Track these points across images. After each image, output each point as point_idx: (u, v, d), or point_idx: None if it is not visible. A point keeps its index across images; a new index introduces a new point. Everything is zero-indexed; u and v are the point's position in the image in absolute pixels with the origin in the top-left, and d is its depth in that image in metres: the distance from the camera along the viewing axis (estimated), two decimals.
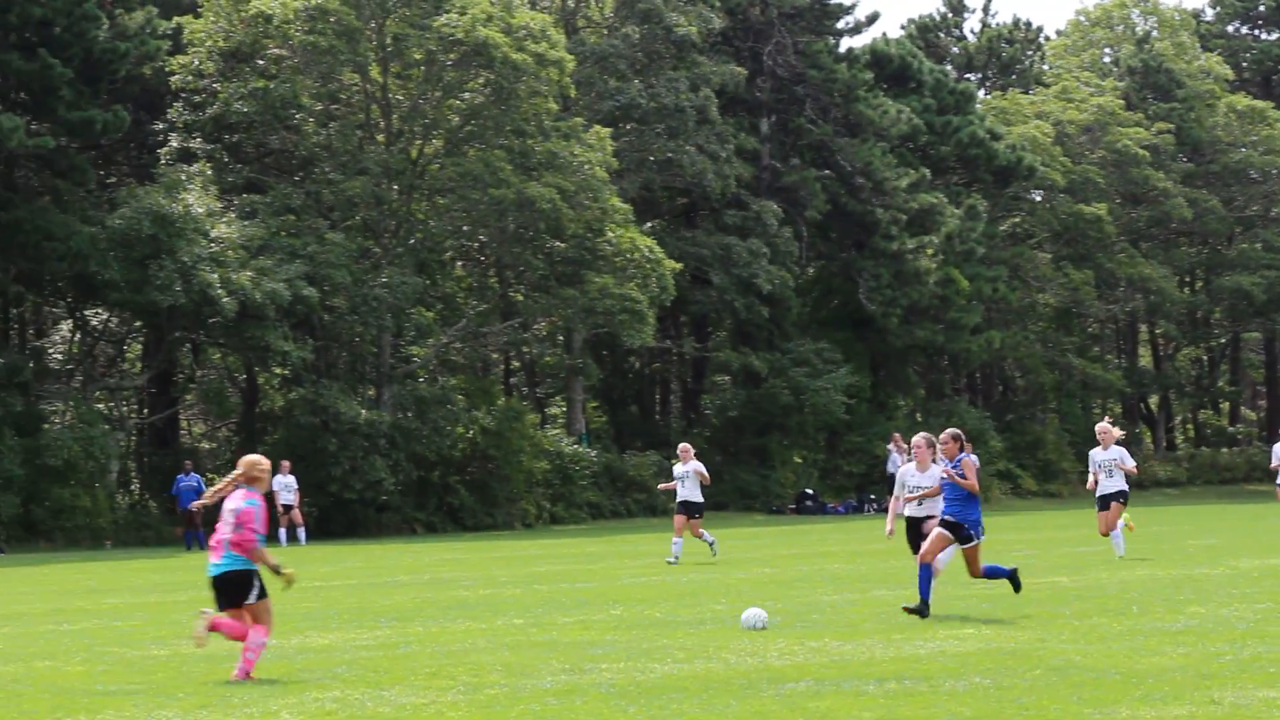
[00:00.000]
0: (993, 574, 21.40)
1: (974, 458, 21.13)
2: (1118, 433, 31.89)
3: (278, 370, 59.62)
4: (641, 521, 62.29)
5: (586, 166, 59.24)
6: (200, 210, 54.96)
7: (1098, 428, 32.28)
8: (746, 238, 68.61)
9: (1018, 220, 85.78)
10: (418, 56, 59.08)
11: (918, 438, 22.23)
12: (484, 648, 18.56)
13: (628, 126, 66.29)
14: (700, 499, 35.08)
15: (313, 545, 49.90)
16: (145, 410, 63.53)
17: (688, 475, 34.99)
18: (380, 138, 60.09)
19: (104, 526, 53.26)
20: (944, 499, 21.02)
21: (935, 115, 77.30)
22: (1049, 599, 22.60)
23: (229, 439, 66.20)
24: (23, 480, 51.81)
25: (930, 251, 73.59)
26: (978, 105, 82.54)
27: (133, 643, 20.35)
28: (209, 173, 57.70)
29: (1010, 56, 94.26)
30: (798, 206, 72.62)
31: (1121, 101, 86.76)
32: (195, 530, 51.03)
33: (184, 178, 56.45)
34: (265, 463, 17.40)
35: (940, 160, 78.52)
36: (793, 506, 68.00)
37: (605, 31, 68.46)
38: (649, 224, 68.59)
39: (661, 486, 40.51)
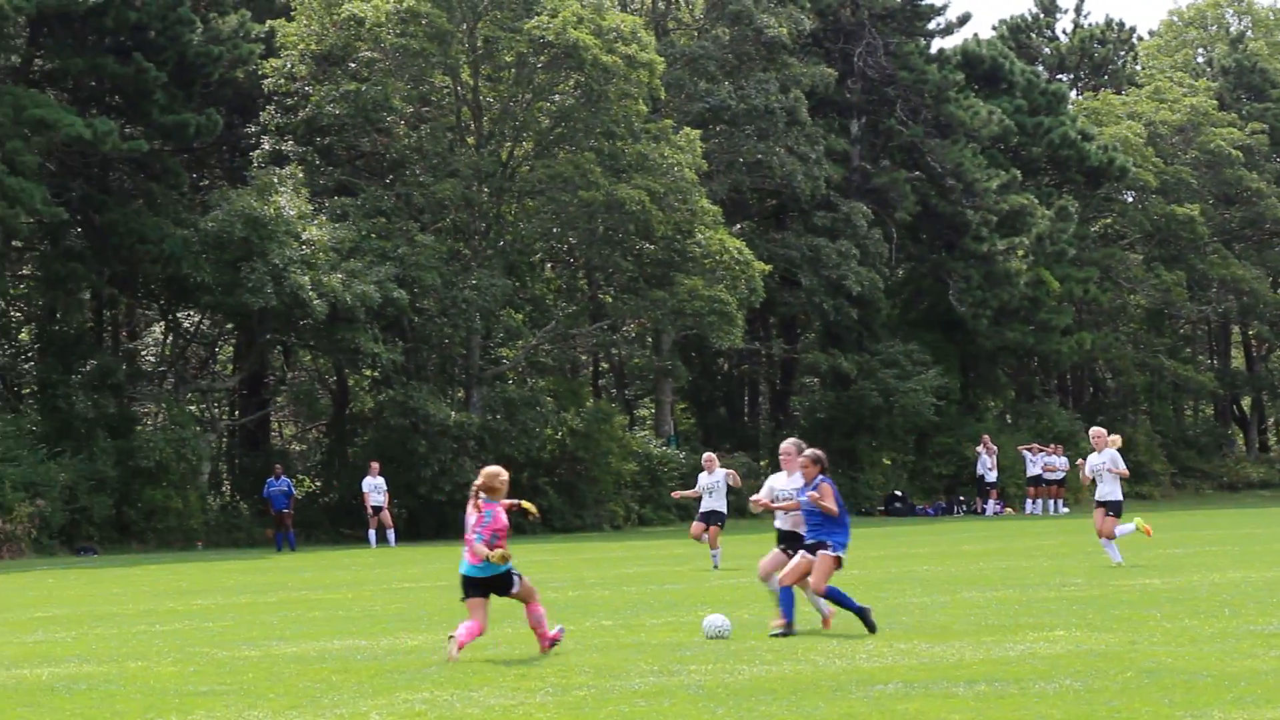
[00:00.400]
0: (836, 598, 19.76)
1: (831, 482, 19.92)
2: (1112, 438, 31.28)
3: (368, 372, 59.87)
4: (730, 523, 62.14)
5: (676, 168, 59.22)
6: (291, 213, 55.21)
7: (1091, 431, 31.83)
8: (836, 239, 68.45)
9: (1109, 221, 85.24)
10: (508, 59, 59.20)
11: (786, 443, 21.04)
12: (572, 649, 18.58)
13: (717, 128, 66.24)
14: (725, 510, 34.80)
15: (402, 547, 50.11)
16: (236, 412, 63.96)
17: (716, 486, 34.61)
18: (471, 140, 60.26)
19: (195, 528, 53.65)
20: (805, 522, 20.07)
21: (1026, 116, 76.89)
22: (1139, 601, 22.44)
23: (319, 441, 66.62)
24: (115, 481, 52.27)
25: (1021, 253, 73.20)
26: (1069, 106, 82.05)
27: (224, 643, 20.48)
28: (300, 175, 57.98)
29: (1102, 57, 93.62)
30: (888, 208, 72.41)
31: (1215, 102, 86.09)
32: (286, 532, 51.41)
33: (276, 180, 56.70)
34: (504, 474, 18.56)
35: (1031, 161, 78.13)
36: (882, 508, 67.81)
37: (695, 33, 68.44)
38: (738, 226, 68.52)
39: (678, 494, 38.70)
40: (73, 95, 56.63)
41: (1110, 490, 30.72)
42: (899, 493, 69.07)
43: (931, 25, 76.74)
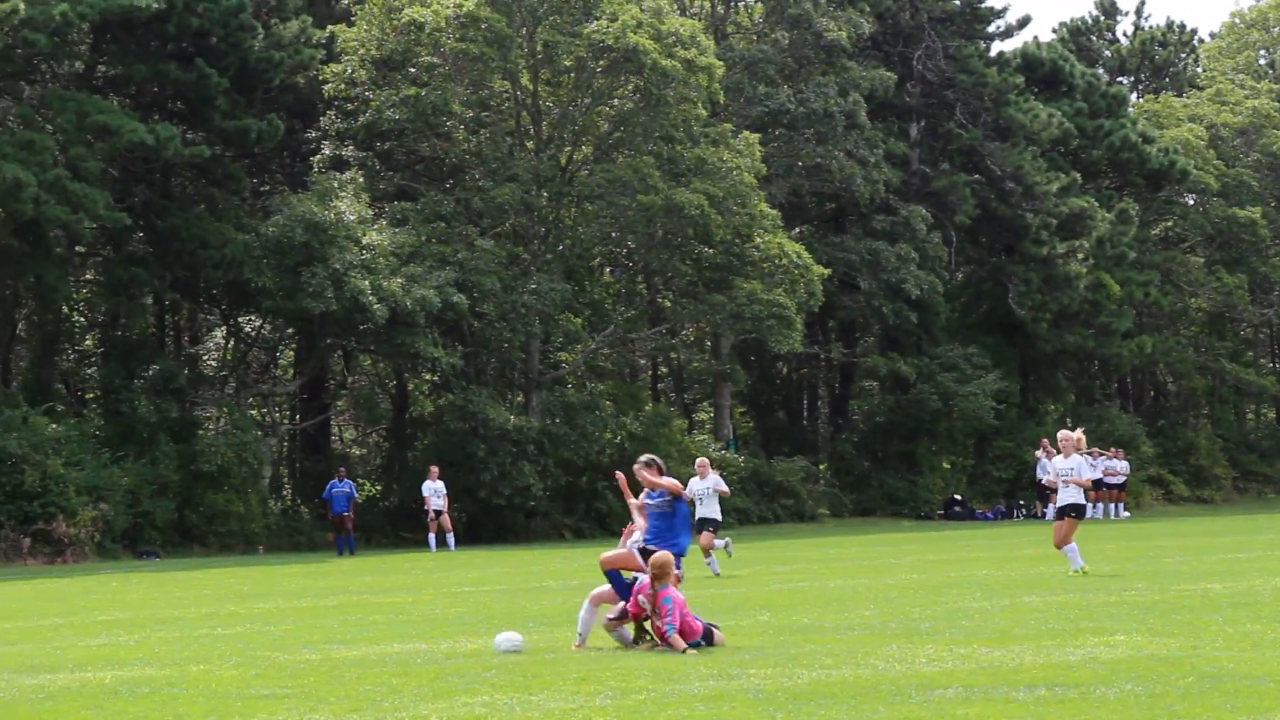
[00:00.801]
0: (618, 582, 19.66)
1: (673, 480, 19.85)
2: (1079, 440, 30.43)
3: (427, 376, 60.02)
4: (789, 527, 62.20)
5: (735, 172, 59.21)
6: (352, 217, 55.44)
7: (1059, 434, 31.20)
8: (895, 243, 68.36)
9: (1170, 224, 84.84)
10: (568, 63, 59.29)
11: (640, 461, 20.62)
12: (632, 653, 18.60)
13: (776, 132, 66.20)
14: (719, 516, 34.21)
15: (462, 550, 50.23)
16: (297, 416, 64.20)
17: (706, 492, 34.05)
18: (530, 144, 60.37)
19: (257, 531, 53.92)
20: (649, 529, 20.00)
21: (1087, 119, 76.62)
22: (1201, 605, 22.34)
23: (379, 445, 66.80)
24: (178, 485, 52.59)
25: (1081, 256, 72.96)
26: (1130, 109, 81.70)
27: (285, 647, 20.57)
28: (360, 180, 58.19)
29: (1163, 59, 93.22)
30: (947, 211, 72.26)
31: (1277, 104, 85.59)
32: (347, 536, 51.59)
33: (336, 185, 56.94)
34: (673, 560, 18.89)
35: (1091, 164, 77.85)
36: (941, 512, 67.64)
37: (754, 37, 68.40)
38: (797, 229, 68.48)
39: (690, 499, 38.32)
40: (135, 101, 56.98)
41: (1070, 494, 30.18)
42: (958, 496, 68.90)
43: (991, 28, 76.63)
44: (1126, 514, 64.60)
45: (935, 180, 72.68)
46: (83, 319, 62.08)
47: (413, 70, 59.21)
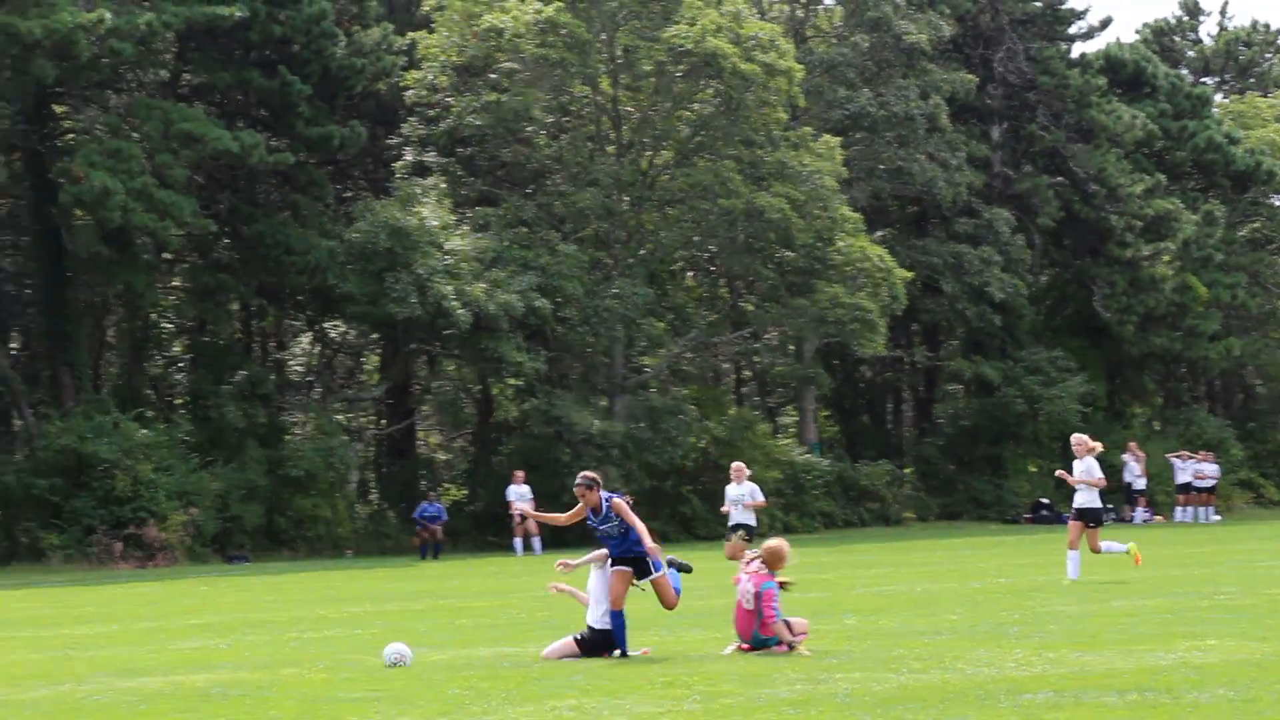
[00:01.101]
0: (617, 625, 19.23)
1: (621, 497, 19.25)
2: (1093, 444, 29.95)
3: (511, 381, 60.18)
4: (874, 531, 62.06)
5: (816, 176, 59.14)
6: (435, 223, 55.69)
7: (1072, 438, 30.71)
8: (978, 245, 68.14)
9: (1257, 225, 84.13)
10: (647, 68, 59.32)
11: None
12: (720, 657, 18.62)
13: (857, 135, 66.07)
14: (754, 522, 33.62)
15: (548, 554, 50.31)
16: (383, 421, 64.49)
17: (742, 499, 33.46)
18: (611, 149, 60.45)
19: (344, 536, 54.23)
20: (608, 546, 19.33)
21: (1171, 120, 76.13)
22: None
23: (464, 450, 67.02)
24: (266, 490, 52.95)
25: (1167, 258, 72.53)
26: (1214, 109, 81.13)
27: (374, 650, 20.67)
28: (443, 186, 58.41)
29: (1248, 59, 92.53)
30: (1030, 214, 71.96)
31: None
32: (435, 544, 51.80)
33: (419, 191, 57.21)
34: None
35: (1176, 166, 77.32)
36: (1028, 515, 67.29)
37: (834, 40, 68.28)
38: (879, 233, 68.30)
39: (725, 509, 36.40)
40: (220, 109, 57.37)
41: (1085, 497, 29.80)
42: (1045, 500, 68.53)
43: (1073, 29, 76.29)
44: (1217, 517, 64.18)
45: (1018, 183, 72.36)
46: (171, 325, 62.56)
47: (493, 76, 59.35)
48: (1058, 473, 30.33)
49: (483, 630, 23.48)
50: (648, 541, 19.08)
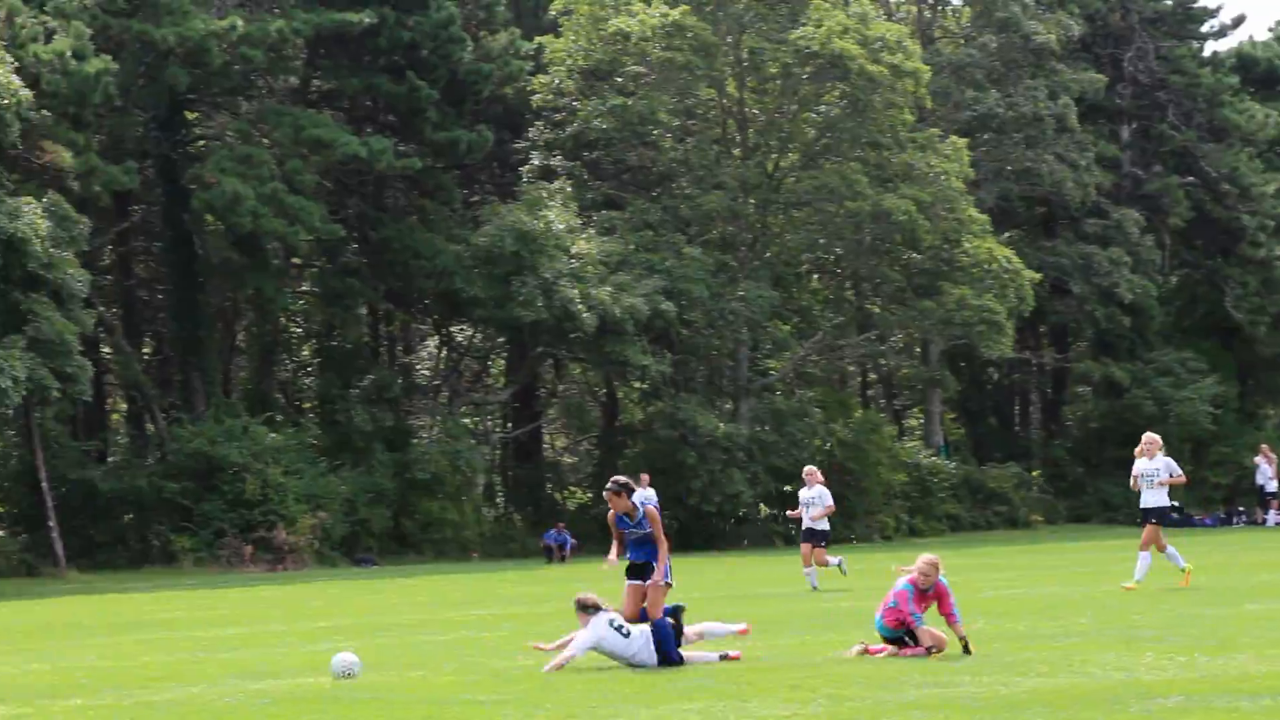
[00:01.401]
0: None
1: (655, 505, 19.46)
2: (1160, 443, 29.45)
3: (636, 384, 60.27)
4: (1002, 534, 61.65)
5: (943, 177, 58.87)
6: (561, 227, 55.84)
7: (1144, 437, 30.08)
8: (1107, 246, 67.59)
9: None
10: (773, 70, 59.29)
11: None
12: (848, 660, 18.56)
13: (985, 136, 65.72)
14: (827, 528, 32.75)
15: (671, 557, 50.20)
16: (509, 424, 64.73)
17: (814, 501, 32.98)
18: (736, 152, 60.43)
19: (470, 539, 54.49)
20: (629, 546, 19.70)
21: None
22: None
23: (590, 453, 67.15)
24: (393, 493, 53.30)
25: None
26: None
27: (501, 653, 20.75)
28: (569, 190, 58.60)
29: None
30: (1160, 214, 71.30)
31: None
32: (561, 556, 52.01)
33: (545, 195, 57.41)
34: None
35: None
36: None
37: (962, 41, 67.95)
38: (1007, 234, 67.89)
39: (790, 514, 35.40)
40: (348, 115, 57.88)
41: (1154, 497, 29.25)
42: (1176, 503, 67.76)
43: (1204, 28, 75.53)
44: None
45: (1148, 183, 71.72)
46: (299, 330, 63.08)
47: (619, 80, 59.50)
48: (1132, 482, 29.77)
49: None
50: (663, 555, 19.58)
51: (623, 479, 19.95)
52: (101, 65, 49.06)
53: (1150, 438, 29.59)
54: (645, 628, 18.73)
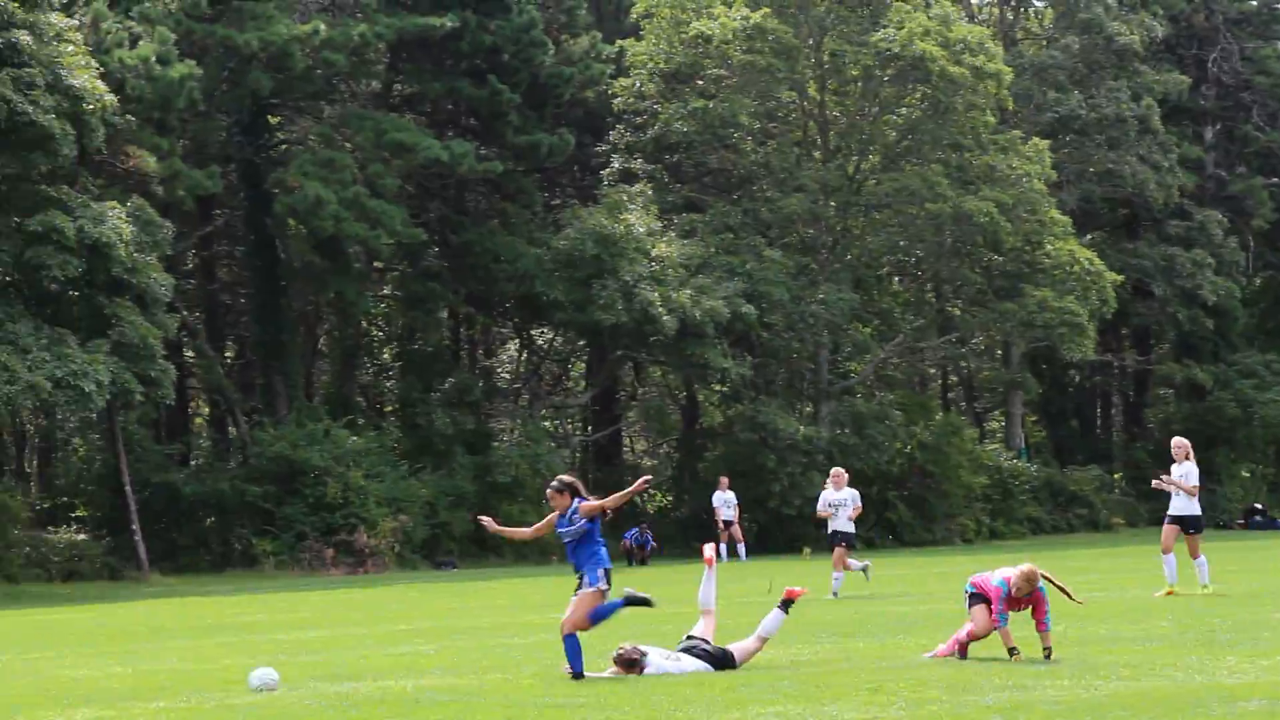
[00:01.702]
0: (601, 616, 18.44)
1: (590, 500, 18.14)
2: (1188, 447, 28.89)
3: (717, 387, 60.27)
4: (1084, 537, 61.35)
5: (1025, 179, 58.65)
6: (641, 230, 55.88)
7: (1173, 441, 29.60)
8: (1190, 248, 67.21)
9: None
10: (855, 73, 59.22)
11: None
12: (925, 663, 18.53)
13: (1067, 138, 65.45)
14: (852, 529, 31.84)
15: (752, 560, 50.30)
16: (589, 428, 64.85)
17: (843, 504, 32.36)
18: (817, 155, 60.38)
19: (550, 542, 54.50)
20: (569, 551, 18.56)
21: None
22: None
23: (669, 456, 67.19)
24: (474, 497, 53.42)
25: None
26: None
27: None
28: (649, 193, 58.66)
29: None
30: (1243, 215, 70.86)
31: None
32: (642, 558, 52.04)
33: (625, 198, 57.48)
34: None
35: None
36: (1241, 521, 66.26)
37: (1044, 43, 67.69)
38: (1089, 236, 67.59)
39: (822, 513, 33.21)
40: (430, 118, 58.12)
41: (1187, 505, 28.81)
42: (1259, 505, 67.43)
43: None
44: None
45: (1232, 184, 71.27)
46: (381, 333, 63.35)
47: (700, 82, 59.53)
48: (1154, 480, 29.53)
49: None
50: (608, 501, 18.22)
51: (568, 478, 18.53)
52: (185, 70, 49.46)
53: (1178, 442, 29.32)
54: (684, 653, 18.64)
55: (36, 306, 45.22)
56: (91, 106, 44.70)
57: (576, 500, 18.24)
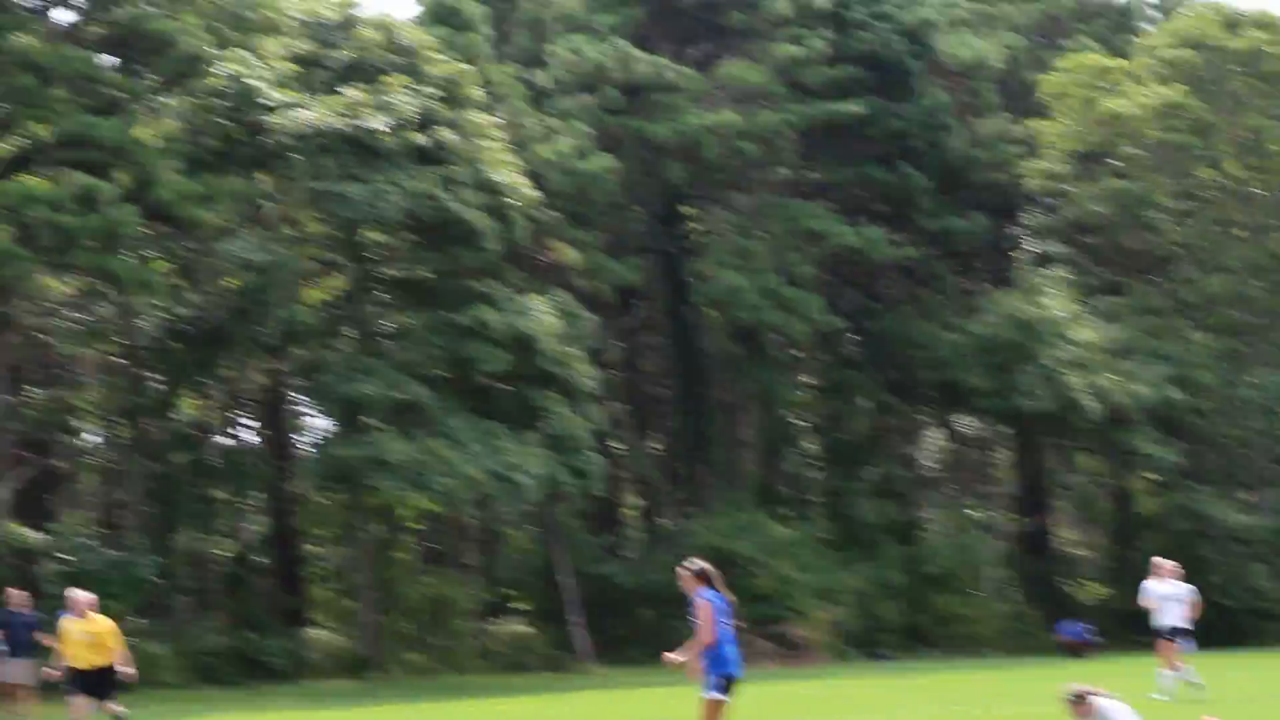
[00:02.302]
0: None
1: (710, 597, 16.47)
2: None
3: (1147, 475, 58.29)
4: None
5: None
6: (1060, 313, 54.52)
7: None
8: None
9: None
10: (1275, 149, 57.18)
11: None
12: None
13: None
14: (1185, 624, 29.00)
15: (1198, 655, 48.21)
16: (1020, 516, 63.23)
17: (1174, 598, 28.83)
18: (1241, 233, 58.26)
19: (985, 634, 53.22)
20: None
21: None
22: None
23: (1101, 544, 65.24)
24: (904, 588, 52.47)
25: None
26: None
27: None
28: (1066, 275, 57.20)
29: None
30: None
31: None
32: (1084, 652, 50.31)
33: (1041, 281, 56.15)
34: None
35: None
36: None
37: None
38: None
39: (1153, 606, 29.84)
40: (841, 205, 57.44)
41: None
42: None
43: None
44: None
45: None
46: (803, 422, 62.73)
47: (1114, 162, 57.98)
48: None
49: None
50: (691, 653, 16.67)
51: (701, 562, 16.99)
52: (603, 164, 49.61)
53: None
54: None
55: (468, 400, 45.34)
56: (514, 201, 44.89)
57: (700, 592, 16.67)
